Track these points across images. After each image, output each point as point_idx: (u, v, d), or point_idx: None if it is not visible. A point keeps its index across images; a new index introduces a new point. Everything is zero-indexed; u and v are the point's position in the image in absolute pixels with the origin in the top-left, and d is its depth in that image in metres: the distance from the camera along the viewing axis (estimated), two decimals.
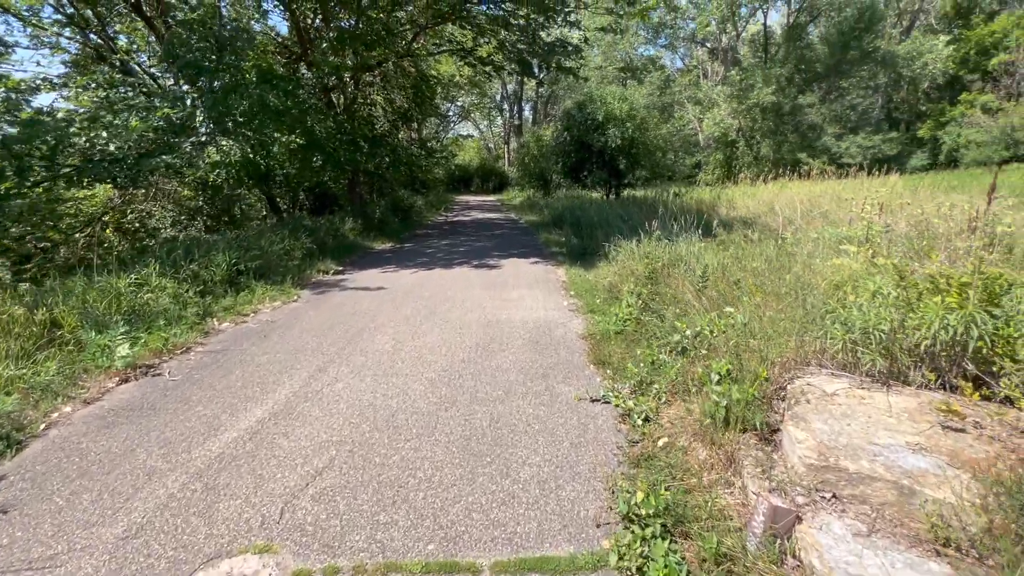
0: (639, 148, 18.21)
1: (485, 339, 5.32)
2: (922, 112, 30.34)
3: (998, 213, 6.40)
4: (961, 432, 2.66)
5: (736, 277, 5.44)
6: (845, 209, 10.48)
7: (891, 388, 3.26)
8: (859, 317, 3.36)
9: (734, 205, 13.81)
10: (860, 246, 6.06)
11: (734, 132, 26.57)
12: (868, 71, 27.71)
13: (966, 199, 11.85)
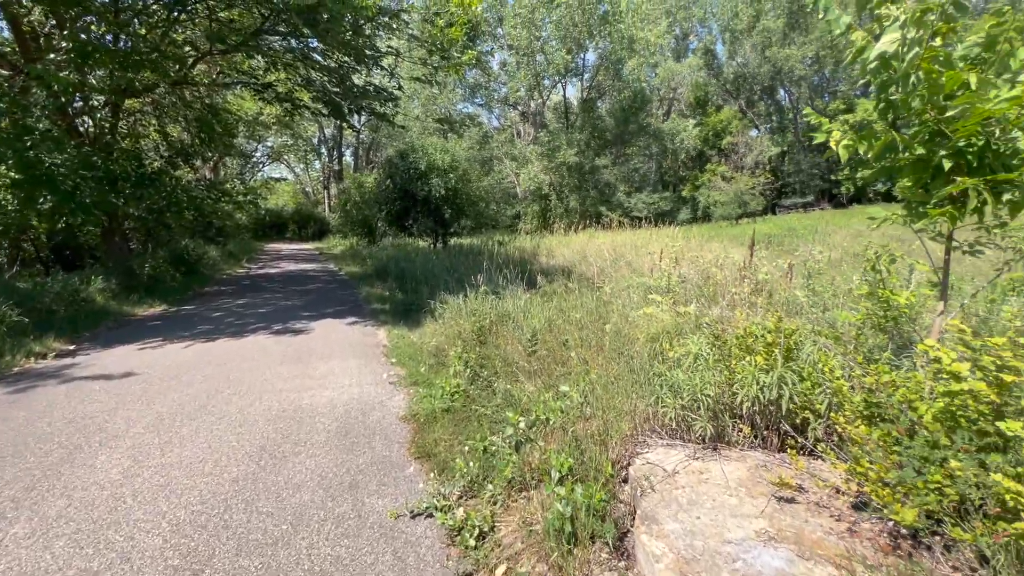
0: (463, 198, 18.46)
1: (275, 439, 4.08)
2: (683, 177, 37.77)
3: (757, 263, 7.64)
4: (794, 503, 2.57)
5: (564, 337, 5.25)
6: (643, 255, 11.81)
7: (720, 453, 3.16)
8: (686, 382, 3.25)
9: (553, 254, 14.63)
10: (664, 295, 6.54)
11: (546, 187, 29.19)
12: (644, 142, 33.53)
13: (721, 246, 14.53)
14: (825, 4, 2.81)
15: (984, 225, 2.75)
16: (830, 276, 7.05)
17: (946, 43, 2.60)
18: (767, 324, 3.34)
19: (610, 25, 26.89)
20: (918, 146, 2.77)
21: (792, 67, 34.40)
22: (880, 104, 2.88)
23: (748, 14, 35.59)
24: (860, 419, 2.45)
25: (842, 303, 5.24)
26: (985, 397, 1.97)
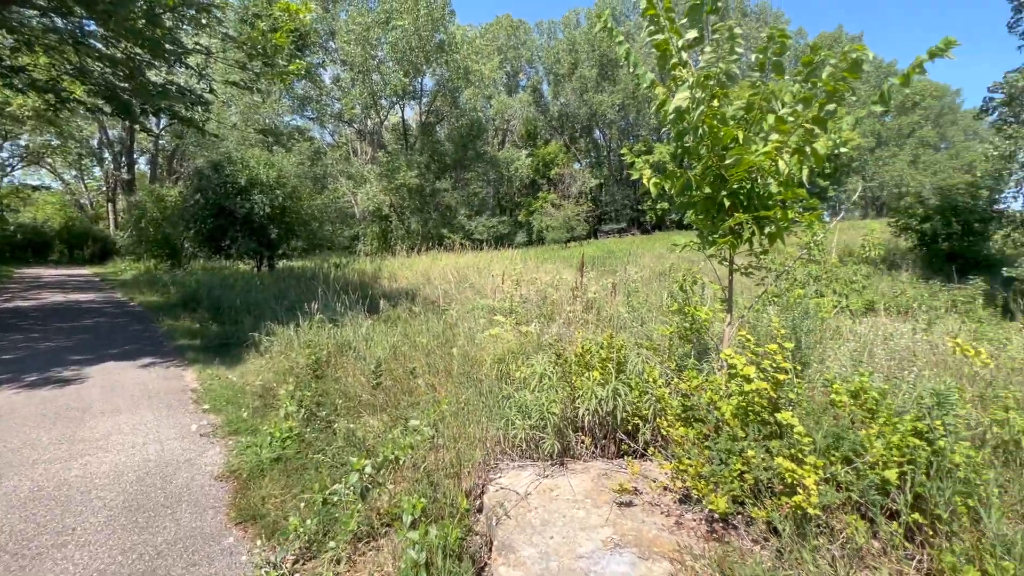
0: (293, 217, 16.88)
1: (23, 533, 3.06)
2: (519, 202, 40.50)
3: (586, 283, 8.43)
4: (632, 506, 2.79)
5: (411, 365, 5.04)
6: (486, 277, 12.17)
7: (567, 467, 3.31)
8: (534, 402, 3.35)
9: (396, 277, 14.20)
10: (507, 316, 6.77)
11: (387, 208, 28.46)
12: (482, 168, 35.14)
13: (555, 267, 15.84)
14: (635, 60, 3.24)
15: (754, 252, 3.41)
16: (644, 294, 8.13)
17: (722, 104, 3.20)
18: (601, 340, 3.65)
19: (446, 54, 27.75)
20: (706, 186, 3.34)
21: (605, 111, 39.76)
22: (677, 149, 3.41)
23: (568, 61, 40.20)
24: (679, 421, 2.78)
25: (655, 317, 6.05)
26: (766, 394, 2.40)
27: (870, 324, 6.16)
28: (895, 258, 16.43)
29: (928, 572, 2.28)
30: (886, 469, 2.31)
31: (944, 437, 2.43)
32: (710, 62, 2.94)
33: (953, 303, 7.96)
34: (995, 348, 5.35)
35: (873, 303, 7.85)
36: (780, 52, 2.89)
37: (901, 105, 41.57)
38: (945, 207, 14.41)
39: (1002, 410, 2.99)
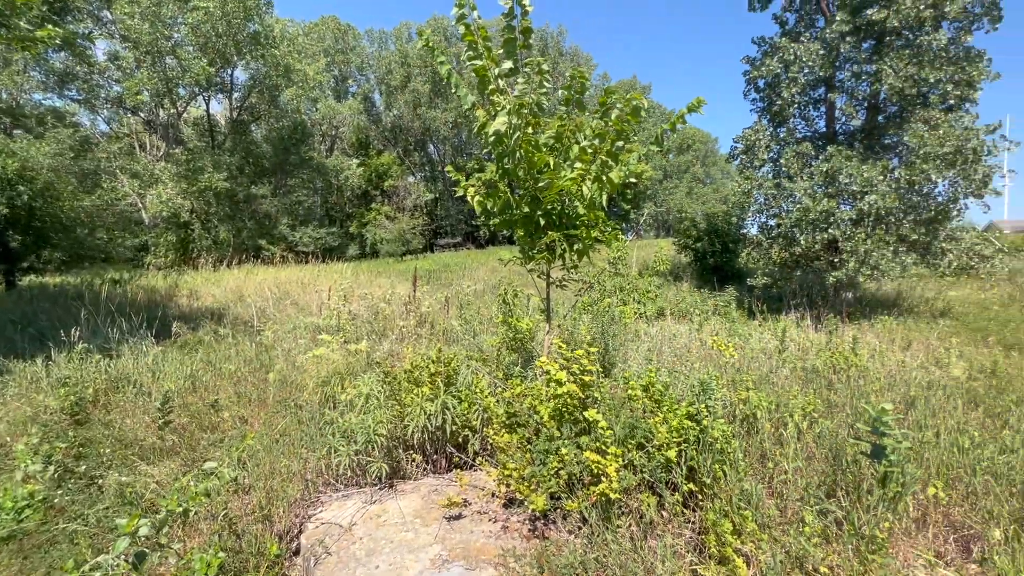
0: (46, 222, 13.31)
1: None
2: (350, 213, 38.50)
3: (420, 297, 8.37)
4: (461, 518, 2.81)
5: (214, 396, 4.35)
6: (312, 292, 11.22)
7: (397, 489, 3.20)
8: (359, 426, 3.16)
9: (198, 294, 12.17)
10: (335, 334, 6.33)
11: (187, 213, 24.36)
12: (307, 175, 32.50)
13: (389, 281, 15.42)
14: (456, 82, 3.35)
15: (566, 266, 3.78)
16: (477, 307, 8.40)
17: (537, 132, 3.50)
18: (431, 355, 3.63)
19: (263, 47, 25.12)
20: (525, 206, 3.60)
21: (438, 127, 40.39)
22: (499, 170, 3.62)
23: (401, 74, 39.88)
24: (504, 428, 2.91)
25: (486, 329, 6.29)
26: (576, 395, 2.66)
27: (660, 327, 7.35)
28: (679, 271, 19.93)
29: (700, 530, 2.76)
30: (668, 450, 2.75)
31: (707, 417, 3.00)
32: (523, 92, 3.20)
33: (716, 307, 9.95)
34: (742, 341, 6.84)
35: (663, 309, 9.40)
36: (581, 91, 3.28)
37: (680, 146, 51.19)
38: (710, 230, 18.07)
39: (744, 391, 3.82)
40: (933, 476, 3.11)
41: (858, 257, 10.95)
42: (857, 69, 11.77)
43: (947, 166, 10.37)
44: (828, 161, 11.39)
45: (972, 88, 10.83)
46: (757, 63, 13.19)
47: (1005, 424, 3.95)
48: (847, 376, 4.75)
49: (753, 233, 15.44)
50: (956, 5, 10.27)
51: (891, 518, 2.81)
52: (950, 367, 6.22)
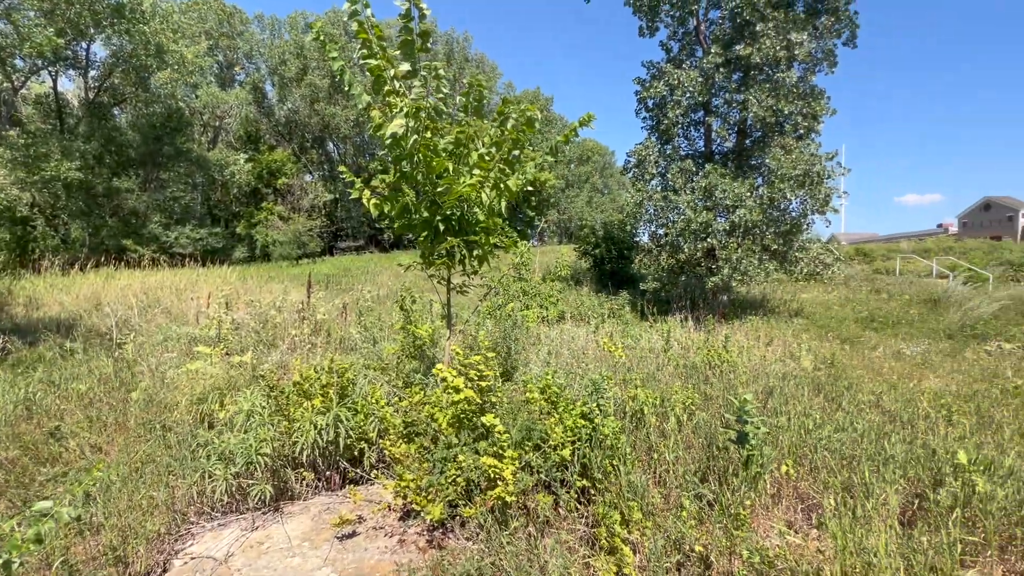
0: None
1: None
2: (237, 212, 35.19)
3: (315, 304, 7.88)
4: (354, 536, 2.68)
5: (55, 423, 3.73)
6: (188, 299, 10.05)
7: (283, 512, 2.97)
8: (239, 446, 2.89)
9: (40, 302, 10.33)
10: (214, 346, 5.74)
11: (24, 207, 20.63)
12: (185, 168, 29.13)
13: (282, 287, 14.34)
14: (349, 80, 3.21)
15: (466, 272, 3.79)
16: (378, 313, 8.10)
17: (436, 136, 3.47)
18: (324, 364, 3.43)
19: (128, 22, 22.13)
20: (424, 211, 3.55)
21: (339, 124, 38.40)
22: (396, 173, 3.53)
23: (296, 65, 37.35)
24: (401, 439, 2.83)
25: (388, 336, 6.09)
26: (474, 401, 2.66)
27: (560, 330, 7.64)
28: (579, 276, 20.91)
29: (593, 524, 2.90)
30: (563, 449, 2.85)
31: (599, 416, 3.16)
32: (420, 96, 3.16)
33: (611, 310, 10.58)
34: (633, 342, 7.35)
35: (564, 312, 9.79)
36: (479, 99, 3.31)
37: (580, 157, 53.96)
38: (608, 237, 19.23)
39: (633, 388, 4.09)
40: (785, 455, 3.56)
41: (731, 264, 12.29)
42: (729, 97, 13.26)
43: (798, 186, 12.04)
44: (706, 178, 12.68)
45: (816, 120, 12.71)
46: (647, 85, 14.32)
47: (839, 407, 4.65)
48: (720, 371, 5.30)
49: (644, 241, 16.70)
50: (803, 49, 12.00)
51: (753, 496, 3.17)
52: (801, 359, 7.19)
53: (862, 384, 5.53)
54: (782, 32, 11.86)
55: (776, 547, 2.71)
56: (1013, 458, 3.40)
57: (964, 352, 8.67)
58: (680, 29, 14.69)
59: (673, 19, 14.53)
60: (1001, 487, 2.96)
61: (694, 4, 13.85)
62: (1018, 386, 5.57)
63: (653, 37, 15.06)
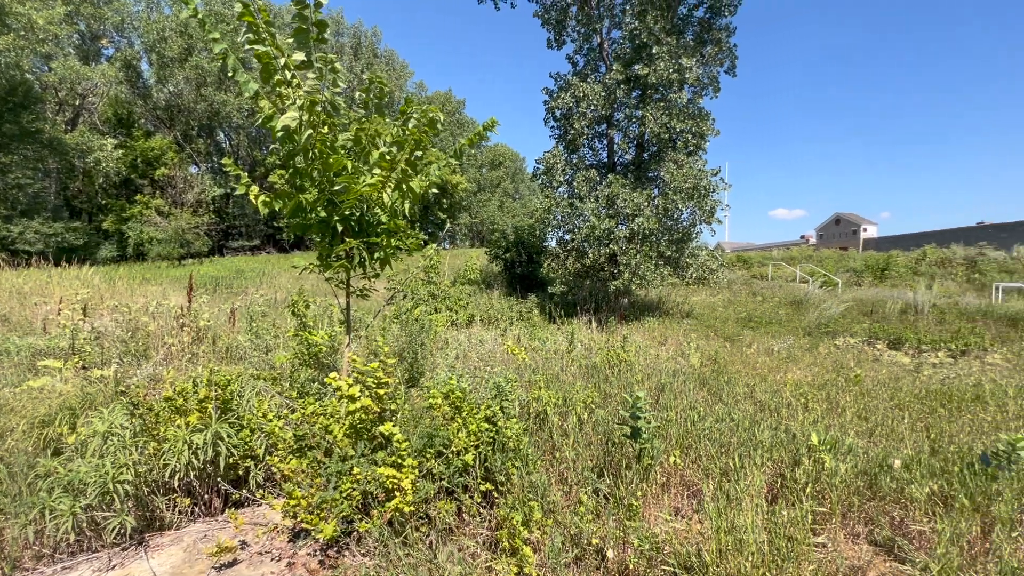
0: None
1: None
2: (104, 205, 30.77)
3: (198, 308, 7.11)
4: (236, 565, 2.44)
5: None
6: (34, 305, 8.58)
7: (148, 545, 2.62)
8: (92, 474, 2.50)
9: None
10: (66, 360, 4.96)
11: None
12: (35, 151, 24.88)
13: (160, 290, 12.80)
14: (234, 65, 2.94)
15: (367, 275, 3.63)
16: (272, 318, 7.51)
17: (333, 132, 3.29)
18: (203, 376, 3.09)
19: None
20: (321, 210, 3.35)
21: (230, 112, 35.10)
22: (290, 169, 3.30)
23: (179, 44, 33.56)
24: (292, 454, 2.63)
25: (283, 344, 5.66)
26: (372, 410, 2.55)
27: (469, 334, 7.63)
28: (490, 279, 21.08)
29: (496, 527, 2.91)
30: (466, 454, 2.83)
31: (503, 418, 3.19)
32: (315, 88, 2.98)
33: (520, 313, 10.78)
34: (540, 344, 7.54)
35: (473, 316, 9.79)
36: (380, 97, 3.20)
37: (492, 162, 54.55)
38: (518, 242, 19.62)
39: (537, 389, 4.19)
40: (673, 447, 3.85)
41: (631, 269, 13.12)
42: (629, 113, 14.18)
43: (688, 198, 13.18)
44: (609, 187, 13.42)
45: (703, 139, 14.01)
46: (555, 95, 14.85)
47: (719, 399, 5.14)
48: (619, 370, 5.62)
49: (553, 246, 17.29)
50: (692, 74, 13.18)
51: (645, 487, 3.39)
52: (690, 357, 7.85)
53: (739, 378, 6.15)
54: (674, 56, 12.92)
55: (665, 532, 2.91)
56: (852, 437, 3.98)
57: (819, 347, 10.02)
58: (585, 45, 15.45)
59: (579, 35, 15.24)
60: (843, 463, 3.44)
61: (598, 23, 14.63)
62: (858, 374, 6.53)
63: (560, 50, 15.68)
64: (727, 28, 13.94)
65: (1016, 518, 3.02)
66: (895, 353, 9.99)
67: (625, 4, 14.09)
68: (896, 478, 3.38)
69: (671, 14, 13.61)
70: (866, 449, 3.87)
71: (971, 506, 3.10)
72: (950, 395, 5.47)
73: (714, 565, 2.48)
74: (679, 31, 13.93)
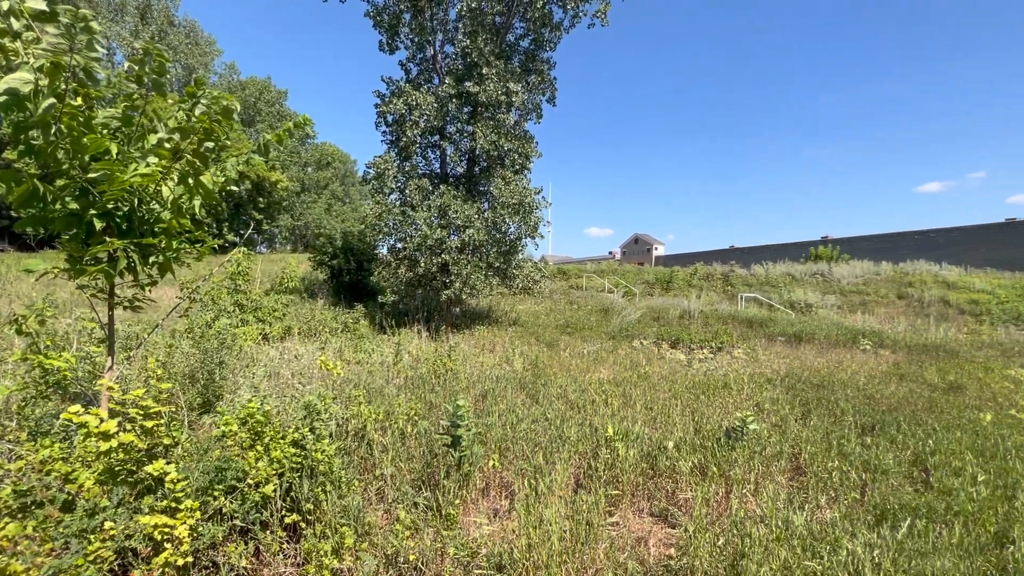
0: None
1: None
2: None
3: None
4: None
5: None
6: None
7: None
8: None
9: None
10: None
11: None
12: None
13: None
14: None
15: (139, 283, 3.01)
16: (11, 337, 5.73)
17: (88, 105, 2.66)
18: None
19: None
20: (70, 200, 2.67)
21: None
22: (20, 146, 2.57)
23: None
24: (8, 516, 2.01)
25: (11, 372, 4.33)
26: (135, 447, 2.10)
27: (283, 348, 6.89)
28: (315, 288, 19.47)
29: (304, 561, 2.64)
30: (265, 486, 2.52)
31: (313, 440, 2.93)
32: (60, 49, 2.38)
33: (346, 324, 10.16)
34: (366, 356, 7.20)
35: (291, 328, 8.88)
36: (160, 72, 2.70)
37: (319, 161, 50.61)
38: (347, 248, 18.50)
39: (356, 405, 3.97)
40: (493, 450, 4.01)
41: (462, 279, 13.43)
42: (460, 127, 14.58)
43: (515, 213, 14.07)
44: (441, 197, 13.58)
45: (528, 159, 15.14)
46: (387, 99, 14.50)
47: (536, 401, 5.54)
48: (445, 379, 5.67)
49: (384, 254, 16.76)
50: (519, 98, 14.17)
51: (464, 493, 3.45)
52: (514, 362, 8.33)
53: (556, 380, 6.73)
54: (503, 79, 13.74)
55: (482, 536, 2.99)
56: (640, 425, 4.65)
57: (620, 348, 11.56)
58: (419, 54, 15.46)
59: (413, 43, 15.19)
60: (632, 449, 3.99)
61: (431, 35, 14.79)
62: (646, 371, 7.70)
63: (393, 55, 15.42)
64: (548, 62, 15.36)
65: (747, 478, 3.87)
66: (675, 351, 12.07)
67: (458, 22, 14.53)
68: (670, 457, 4.05)
69: (500, 39, 14.47)
70: (650, 435, 4.55)
71: (719, 472, 3.86)
72: (708, 384, 6.79)
73: (523, 560, 2.63)
74: (507, 56, 14.87)
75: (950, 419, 5.37)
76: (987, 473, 3.82)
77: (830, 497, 3.65)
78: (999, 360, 10.06)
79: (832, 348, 12.05)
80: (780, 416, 5.35)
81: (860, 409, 5.65)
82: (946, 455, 4.18)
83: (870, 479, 3.85)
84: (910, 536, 2.86)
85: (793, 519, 2.95)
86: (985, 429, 4.97)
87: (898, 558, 2.59)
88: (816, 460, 4.10)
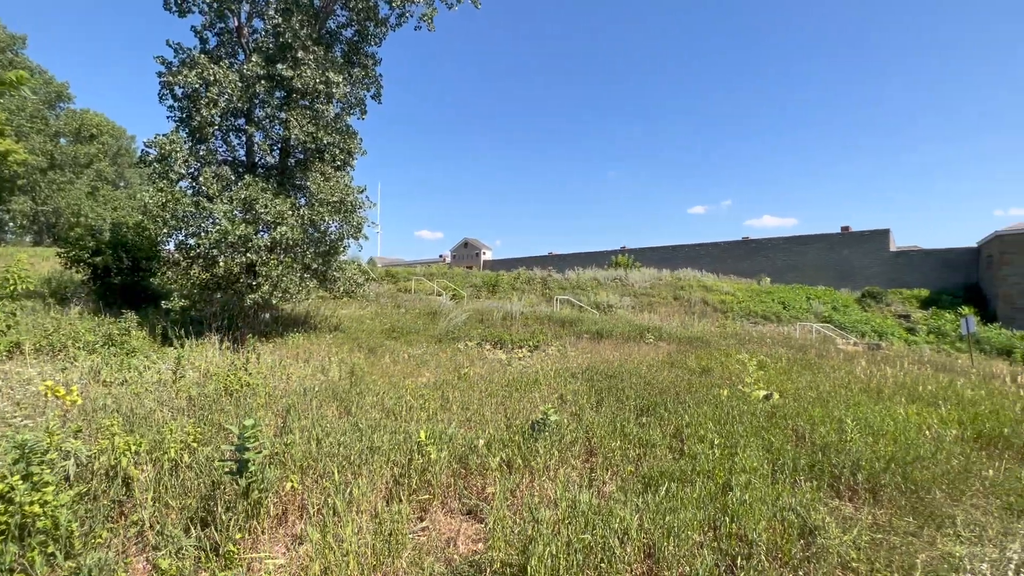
0: None
1: None
2: None
3: None
4: None
5: None
6: None
7: None
8: None
9: None
10: None
11: None
12: None
13: None
14: None
15: None
16: None
17: None
18: None
19: None
20: None
21: None
22: None
23: None
24: None
25: None
26: None
27: (3, 372, 5.25)
28: (68, 292, 15.42)
29: None
30: None
31: (28, 490, 2.26)
32: None
33: (111, 336, 8.25)
34: (137, 375, 5.93)
35: (20, 343, 6.83)
36: None
37: (77, 133, 39.93)
38: (118, 243, 15.02)
39: (108, 437, 3.21)
40: (294, 471, 3.64)
41: (272, 281, 12.05)
42: (271, 112, 13.09)
43: (335, 212, 13.18)
44: (246, 189, 11.98)
45: (351, 155, 14.35)
46: (174, 69, 12.26)
47: (349, 411, 5.24)
48: (239, 397, 4.97)
49: (171, 251, 14.11)
50: (340, 90, 13.33)
51: (255, 525, 3.05)
52: (330, 371, 7.76)
53: (374, 387, 6.46)
54: (322, 67, 12.77)
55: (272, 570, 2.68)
56: (454, 427, 4.73)
57: (445, 351, 11.70)
58: (219, 23, 13.44)
59: (210, 8, 13.12)
60: (443, 451, 4.02)
61: (234, 3, 12.99)
62: (466, 373, 7.92)
63: (184, 18, 13.12)
64: (373, 57, 14.79)
65: (548, 465, 4.23)
66: (498, 352, 12.71)
67: None
68: (480, 455, 4.20)
69: (319, 24, 13.43)
70: (464, 435, 4.66)
71: (524, 464, 4.14)
72: (522, 381, 7.28)
73: None
74: (327, 44, 13.88)
75: (700, 396, 6.68)
76: (721, 437, 4.84)
77: (613, 472, 4.21)
78: (736, 347, 12.95)
79: (626, 342, 14.04)
80: (579, 406, 5.99)
81: (640, 394, 6.66)
82: (695, 427, 5.18)
83: (643, 453, 4.55)
84: (667, 497, 3.45)
85: (581, 498, 3.31)
86: (722, 402, 6.31)
87: (655, 517, 3.09)
88: (604, 442, 4.69)
